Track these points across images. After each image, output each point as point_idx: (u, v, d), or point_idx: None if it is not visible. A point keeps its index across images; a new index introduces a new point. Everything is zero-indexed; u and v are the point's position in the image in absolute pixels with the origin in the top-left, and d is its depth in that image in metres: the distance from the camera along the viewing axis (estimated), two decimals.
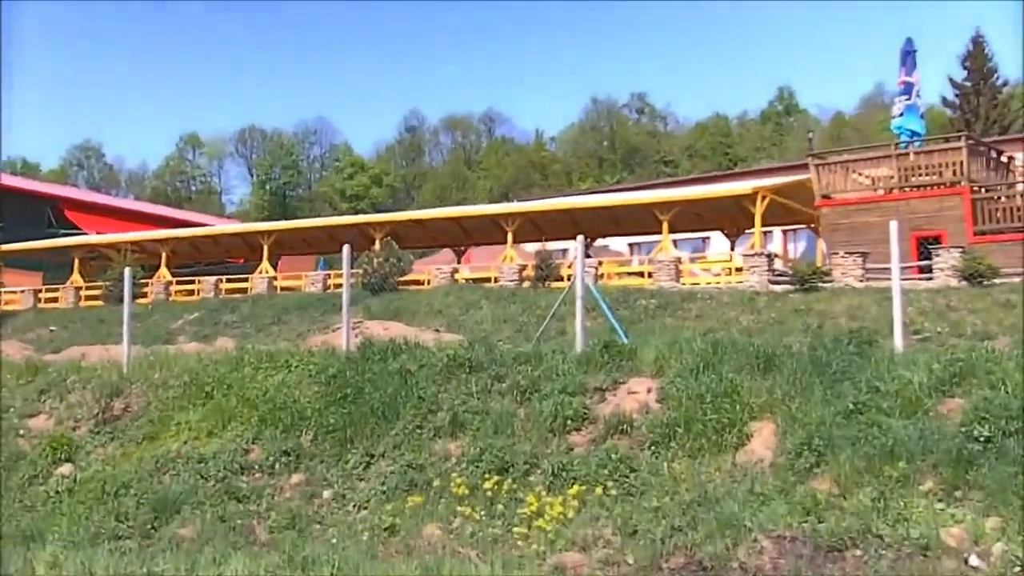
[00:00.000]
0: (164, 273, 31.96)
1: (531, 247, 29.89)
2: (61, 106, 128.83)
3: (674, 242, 28.28)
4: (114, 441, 10.27)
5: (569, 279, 17.02)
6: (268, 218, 67.92)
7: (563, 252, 31.11)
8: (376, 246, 27.17)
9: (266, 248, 31.34)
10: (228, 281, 30.41)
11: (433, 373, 9.82)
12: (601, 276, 24.39)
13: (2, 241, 33.46)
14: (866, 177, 24.15)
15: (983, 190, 22.71)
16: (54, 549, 7.30)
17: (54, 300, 32.00)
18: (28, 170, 79.78)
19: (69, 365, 12.65)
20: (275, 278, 29.96)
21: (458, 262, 32.68)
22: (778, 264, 23.65)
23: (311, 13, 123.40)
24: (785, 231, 32.15)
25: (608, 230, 31.04)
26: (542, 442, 8.39)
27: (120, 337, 13.25)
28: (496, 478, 7.86)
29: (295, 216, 63.86)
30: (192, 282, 30.88)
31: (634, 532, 6.82)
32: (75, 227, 39.59)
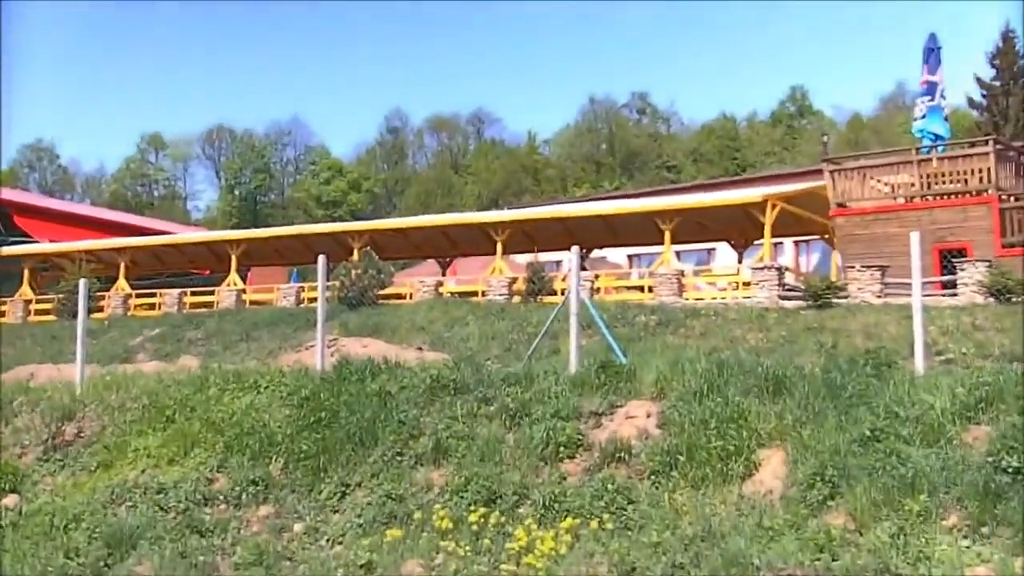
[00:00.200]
0: (123, 285, 31.83)
1: (522, 258, 29.87)
2: (10, 102, 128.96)
3: (677, 254, 28.31)
4: (65, 469, 10.25)
5: (563, 293, 17.04)
6: (237, 226, 68.04)
7: (557, 264, 31.16)
8: (354, 257, 27.16)
9: (234, 258, 31.26)
10: (193, 294, 30.31)
11: (415, 395, 9.83)
12: (597, 290, 24.42)
13: None
14: (885, 184, 24.24)
15: (1012, 199, 22.80)
16: None
17: (0, 315, 31.86)
18: None
19: (16, 386, 12.61)
20: (244, 291, 29.87)
21: (443, 274, 32.67)
22: (789, 278, 23.72)
23: (284, 5, 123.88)
24: (797, 242, 32.28)
25: (605, 240, 31.10)
26: (532, 471, 8.40)
27: (73, 355, 13.22)
28: (482, 510, 7.87)
29: (266, 224, 64.06)
30: (153, 295, 30.75)
31: (632, 570, 6.82)
32: (25, 235, 39.41)
